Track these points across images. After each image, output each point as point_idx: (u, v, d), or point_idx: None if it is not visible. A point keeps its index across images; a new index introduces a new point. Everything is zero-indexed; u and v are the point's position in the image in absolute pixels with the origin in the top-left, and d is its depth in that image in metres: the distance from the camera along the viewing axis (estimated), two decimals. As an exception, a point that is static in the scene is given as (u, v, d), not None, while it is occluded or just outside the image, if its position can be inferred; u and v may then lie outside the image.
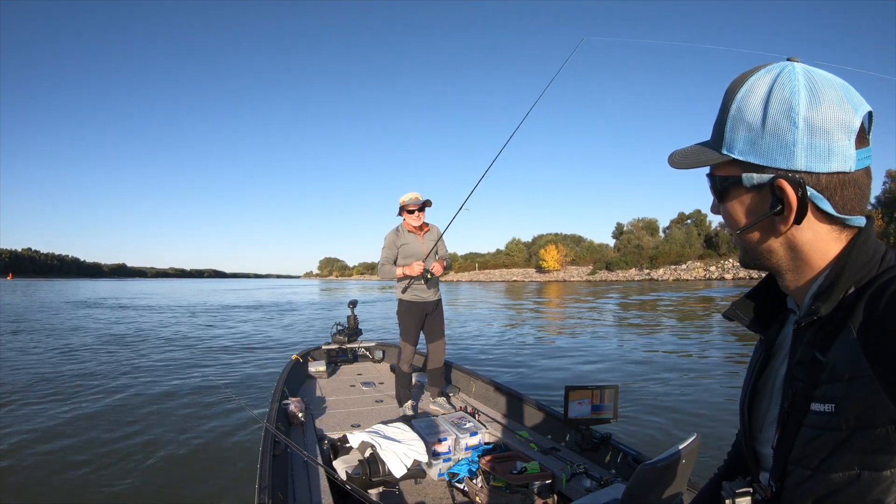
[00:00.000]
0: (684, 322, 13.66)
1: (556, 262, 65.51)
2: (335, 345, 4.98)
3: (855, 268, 0.55)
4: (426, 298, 3.45)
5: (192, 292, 41.63)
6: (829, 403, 0.52)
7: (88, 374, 6.68)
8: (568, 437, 2.61)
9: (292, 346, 8.90)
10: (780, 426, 0.59)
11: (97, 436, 4.17)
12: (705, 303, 20.66)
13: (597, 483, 2.10)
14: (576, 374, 6.76)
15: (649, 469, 0.98)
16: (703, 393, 5.60)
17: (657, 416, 4.67)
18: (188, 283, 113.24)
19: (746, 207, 0.61)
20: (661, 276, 52.33)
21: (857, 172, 0.55)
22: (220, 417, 4.69)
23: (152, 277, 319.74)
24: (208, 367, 7.35)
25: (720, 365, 7.44)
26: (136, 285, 73.90)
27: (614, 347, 9.15)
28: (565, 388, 2.42)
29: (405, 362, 3.42)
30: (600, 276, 58.40)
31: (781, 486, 0.58)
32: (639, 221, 65.95)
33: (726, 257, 51.76)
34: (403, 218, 3.51)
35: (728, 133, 0.59)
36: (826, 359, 0.54)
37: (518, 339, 10.49)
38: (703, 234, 58.99)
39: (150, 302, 25.38)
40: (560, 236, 67.08)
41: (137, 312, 17.67)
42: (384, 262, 3.47)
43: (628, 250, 61.43)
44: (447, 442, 2.66)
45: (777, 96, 0.55)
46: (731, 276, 45.49)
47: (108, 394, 5.61)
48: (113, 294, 35.20)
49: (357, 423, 3.03)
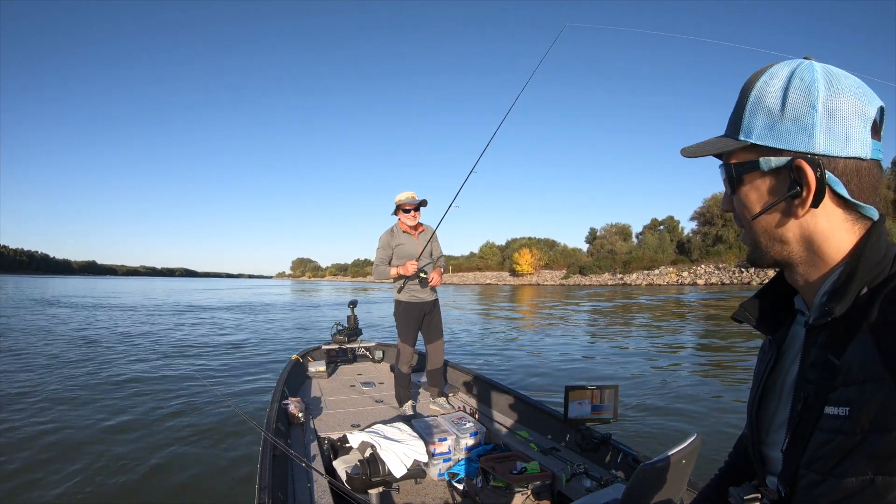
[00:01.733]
0: (681, 322, 13.67)
1: (530, 265, 65.52)
2: (335, 345, 4.98)
3: (868, 267, 0.54)
4: (424, 299, 3.45)
5: (166, 292, 40.33)
6: (843, 407, 0.51)
7: (76, 375, 6.67)
8: (568, 437, 2.61)
9: (291, 347, 8.90)
10: (791, 429, 0.58)
11: (97, 437, 4.17)
12: (704, 306, 20.66)
13: (597, 483, 2.10)
14: (576, 374, 6.76)
15: (649, 469, 0.98)
16: (702, 393, 5.61)
17: (657, 416, 4.67)
18: (160, 281, 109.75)
19: (762, 193, 0.60)
20: (634, 280, 52.53)
21: (872, 162, 0.56)
22: (220, 418, 4.69)
23: (123, 275, 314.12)
24: (207, 367, 7.35)
25: (719, 365, 7.44)
26: (107, 283, 71.68)
27: (614, 347, 9.15)
28: (565, 388, 2.41)
29: (404, 363, 3.42)
30: (574, 281, 58.63)
31: (792, 490, 0.57)
32: (612, 227, 66.50)
33: (698, 263, 52.47)
34: (399, 218, 3.50)
35: (746, 119, 0.60)
36: (840, 362, 0.53)
37: (506, 340, 10.49)
38: (675, 241, 59.86)
39: (129, 301, 24.83)
40: (534, 240, 67.20)
41: (124, 313, 17.56)
42: (378, 262, 3.47)
43: (601, 255, 61.92)
44: (447, 442, 2.66)
45: (797, 83, 0.56)
46: (704, 282, 45.97)
47: (108, 395, 5.61)
48: (90, 293, 34.20)
49: (357, 423, 3.03)
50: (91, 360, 7.75)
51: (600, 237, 65.96)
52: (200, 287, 59.04)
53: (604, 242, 63.85)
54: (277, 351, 8.88)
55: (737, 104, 0.62)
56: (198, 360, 8.04)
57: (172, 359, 8.02)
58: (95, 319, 14.56)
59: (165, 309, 19.68)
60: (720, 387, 5.96)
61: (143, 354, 8.37)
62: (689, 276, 49.48)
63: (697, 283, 45.71)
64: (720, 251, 51.68)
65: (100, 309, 18.94)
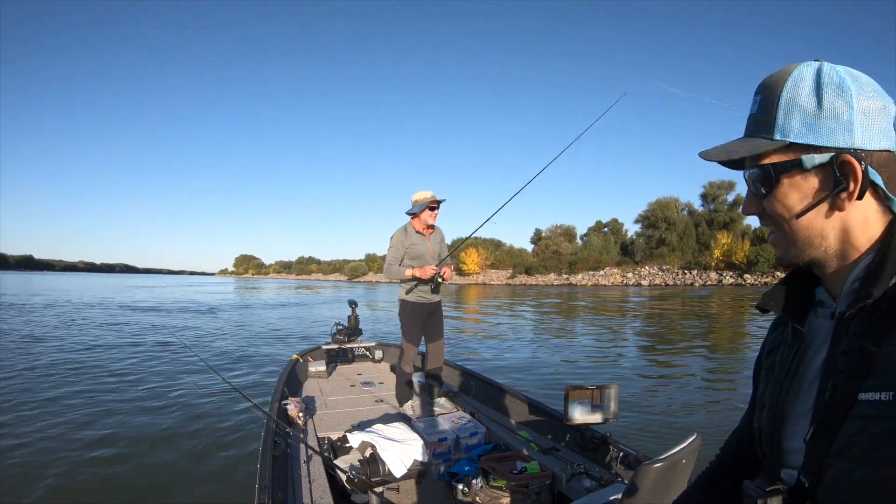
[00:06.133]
0: (679, 321, 13.67)
1: (477, 265, 65.60)
2: (335, 345, 4.98)
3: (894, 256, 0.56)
4: (431, 300, 3.45)
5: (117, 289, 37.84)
6: (886, 392, 0.51)
7: (72, 376, 6.67)
8: (568, 437, 2.60)
9: (289, 349, 8.89)
10: (818, 419, 0.58)
11: (95, 437, 4.17)
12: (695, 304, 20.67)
13: (597, 483, 2.10)
14: (575, 374, 6.76)
15: (649, 469, 0.98)
16: (702, 393, 5.61)
17: (657, 416, 4.67)
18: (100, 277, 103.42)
19: (804, 191, 0.61)
20: (579, 281, 53.25)
21: (894, 154, 0.59)
22: (220, 417, 4.69)
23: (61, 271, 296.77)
24: (205, 368, 7.34)
25: (719, 365, 7.44)
26: (45, 279, 69.03)
27: (612, 348, 9.15)
28: (565, 388, 2.41)
29: (407, 362, 3.42)
30: (520, 280, 58.80)
31: (817, 480, 0.56)
32: (557, 228, 66.89)
33: (642, 265, 53.48)
34: (415, 215, 3.46)
35: (780, 119, 0.61)
36: (880, 349, 0.53)
37: (495, 342, 10.48)
38: (619, 242, 60.78)
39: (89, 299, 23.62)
40: (480, 240, 67.25)
41: (104, 311, 17.61)
42: (391, 261, 3.45)
43: (547, 255, 62.28)
44: (447, 442, 2.65)
45: (828, 82, 0.59)
46: (648, 283, 46.86)
47: (106, 396, 5.61)
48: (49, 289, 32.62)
49: (357, 423, 3.03)
50: (82, 358, 7.75)
51: (545, 238, 66.20)
52: (150, 284, 56.83)
53: (549, 243, 64.08)
54: (277, 350, 8.89)
55: (761, 106, 0.62)
56: (198, 359, 8.03)
57: (172, 359, 8.02)
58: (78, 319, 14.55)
59: (175, 308, 19.63)
60: (720, 386, 5.96)
61: (128, 351, 8.37)
62: (634, 277, 50.38)
63: (642, 284, 46.62)
64: (663, 253, 52.59)
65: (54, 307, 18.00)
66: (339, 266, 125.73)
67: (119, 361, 7.71)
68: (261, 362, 7.73)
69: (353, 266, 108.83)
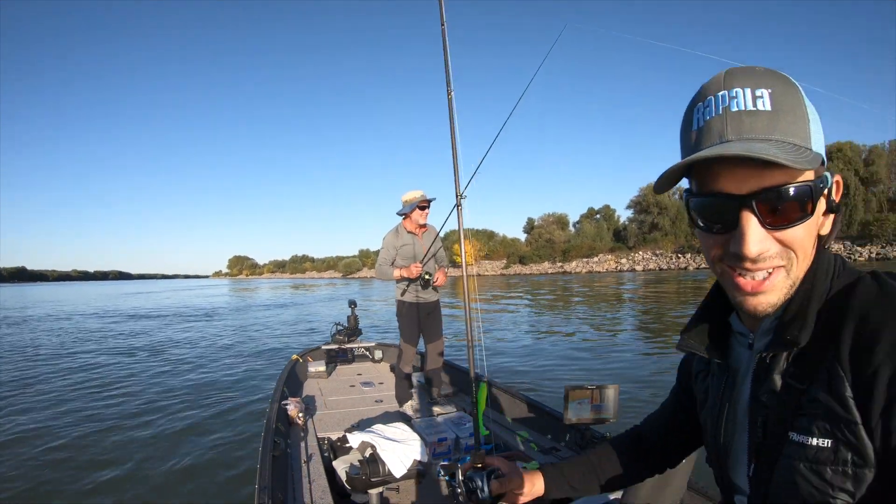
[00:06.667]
0: (675, 308, 13.69)
1: (471, 256, 65.55)
2: (335, 345, 4.98)
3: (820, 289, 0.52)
4: (427, 299, 3.45)
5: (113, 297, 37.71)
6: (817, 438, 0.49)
7: (76, 381, 6.66)
8: (568, 436, 2.61)
9: (291, 348, 8.88)
10: (754, 455, 0.56)
11: (94, 437, 4.17)
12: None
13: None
14: (575, 375, 6.78)
15: (650, 469, 0.99)
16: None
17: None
18: (95, 286, 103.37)
19: (819, 214, 0.52)
20: (573, 269, 53.81)
21: None
22: (220, 417, 4.69)
23: (54, 281, 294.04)
24: (205, 368, 7.34)
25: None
26: (39, 290, 69.83)
27: (610, 346, 9.17)
28: (565, 388, 2.42)
29: (406, 363, 3.43)
30: (514, 270, 59.08)
31: None
32: (549, 216, 67.32)
33: (636, 250, 53.99)
34: (406, 216, 3.47)
35: (812, 129, 0.50)
36: (805, 387, 0.51)
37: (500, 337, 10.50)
38: (612, 229, 61.19)
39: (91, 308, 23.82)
40: (473, 231, 67.54)
41: (100, 320, 17.55)
42: (382, 262, 3.46)
43: (540, 244, 62.72)
44: (447, 442, 2.66)
45: (799, 90, 0.51)
46: (642, 268, 47.27)
47: (104, 396, 5.60)
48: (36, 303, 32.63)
49: (357, 423, 3.03)
50: (84, 365, 7.73)
51: (538, 227, 66.76)
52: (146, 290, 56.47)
53: (542, 232, 64.68)
54: (277, 351, 8.88)
55: (787, 110, 0.49)
56: (197, 360, 8.03)
57: (169, 359, 8.00)
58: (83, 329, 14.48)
59: (171, 313, 19.55)
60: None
61: (133, 354, 8.36)
62: (628, 262, 50.89)
63: (636, 269, 47.11)
64: (656, 238, 52.96)
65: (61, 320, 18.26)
66: (334, 263, 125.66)
67: (118, 364, 7.69)
68: (260, 363, 7.72)
69: (347, 263, 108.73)
